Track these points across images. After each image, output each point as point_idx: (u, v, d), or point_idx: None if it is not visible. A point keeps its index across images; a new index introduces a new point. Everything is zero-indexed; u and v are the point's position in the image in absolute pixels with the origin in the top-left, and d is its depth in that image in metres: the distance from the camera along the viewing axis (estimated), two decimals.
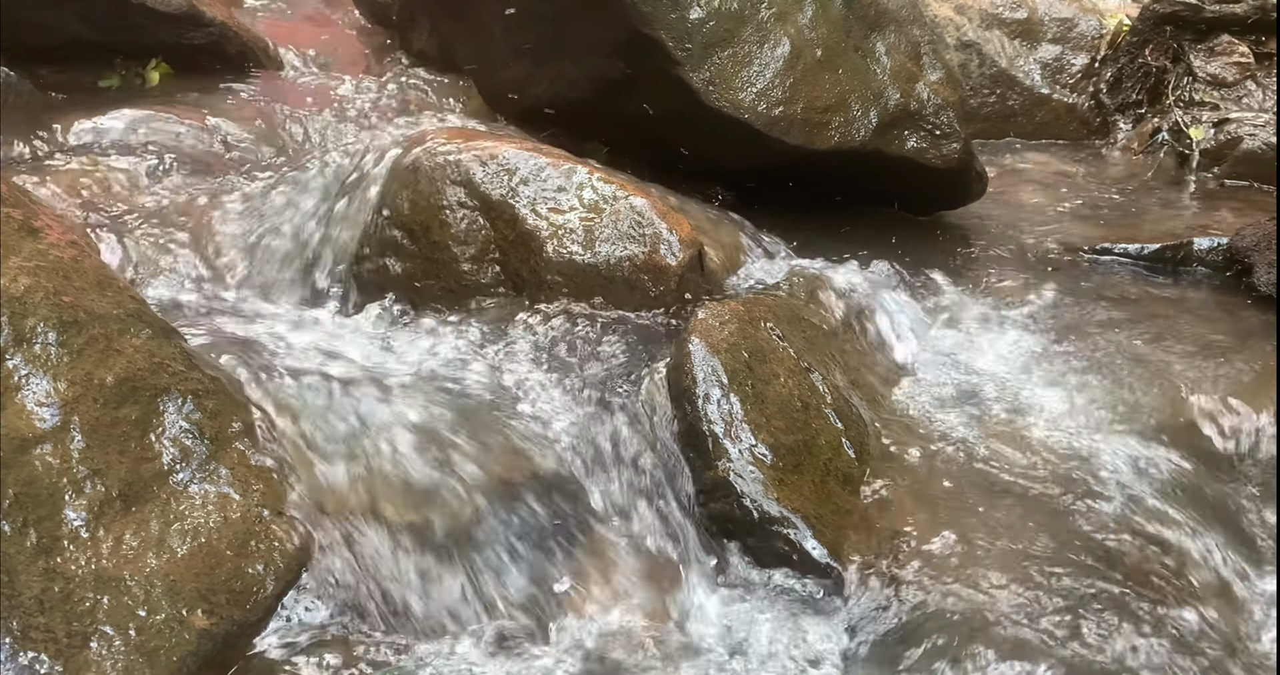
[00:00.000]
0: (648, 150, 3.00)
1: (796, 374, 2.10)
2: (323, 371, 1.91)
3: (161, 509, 1.58)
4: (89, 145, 2.76)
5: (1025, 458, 2.11)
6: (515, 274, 2.29)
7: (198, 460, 1.63)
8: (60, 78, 3.08)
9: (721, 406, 1.96)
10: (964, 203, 3.34)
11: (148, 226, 2.46)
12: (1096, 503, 1.98)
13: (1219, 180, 3.83)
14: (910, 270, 2.82)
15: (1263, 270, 2.83)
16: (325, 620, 1.61)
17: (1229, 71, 4.09)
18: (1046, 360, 2.47)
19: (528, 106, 3.16)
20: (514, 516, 1.79)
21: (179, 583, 1.53)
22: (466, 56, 3.44)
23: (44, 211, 1.83)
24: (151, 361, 1.67)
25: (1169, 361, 2.43)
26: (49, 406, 1.55)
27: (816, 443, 2.01)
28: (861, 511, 1.95)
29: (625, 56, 2.83)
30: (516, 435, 1.92)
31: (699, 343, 2.02)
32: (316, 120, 3.13)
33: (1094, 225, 3.32)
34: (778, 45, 2.81)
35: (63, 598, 1.46)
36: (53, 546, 1.48)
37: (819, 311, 2.38)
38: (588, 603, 1.77)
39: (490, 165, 2.32)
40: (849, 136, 2.90)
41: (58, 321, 1.61)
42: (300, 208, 2.47)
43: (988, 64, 4.30)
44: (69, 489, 1.52)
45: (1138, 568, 1.82)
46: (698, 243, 2.36)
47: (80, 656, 1.43)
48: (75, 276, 1.69)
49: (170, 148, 2.79)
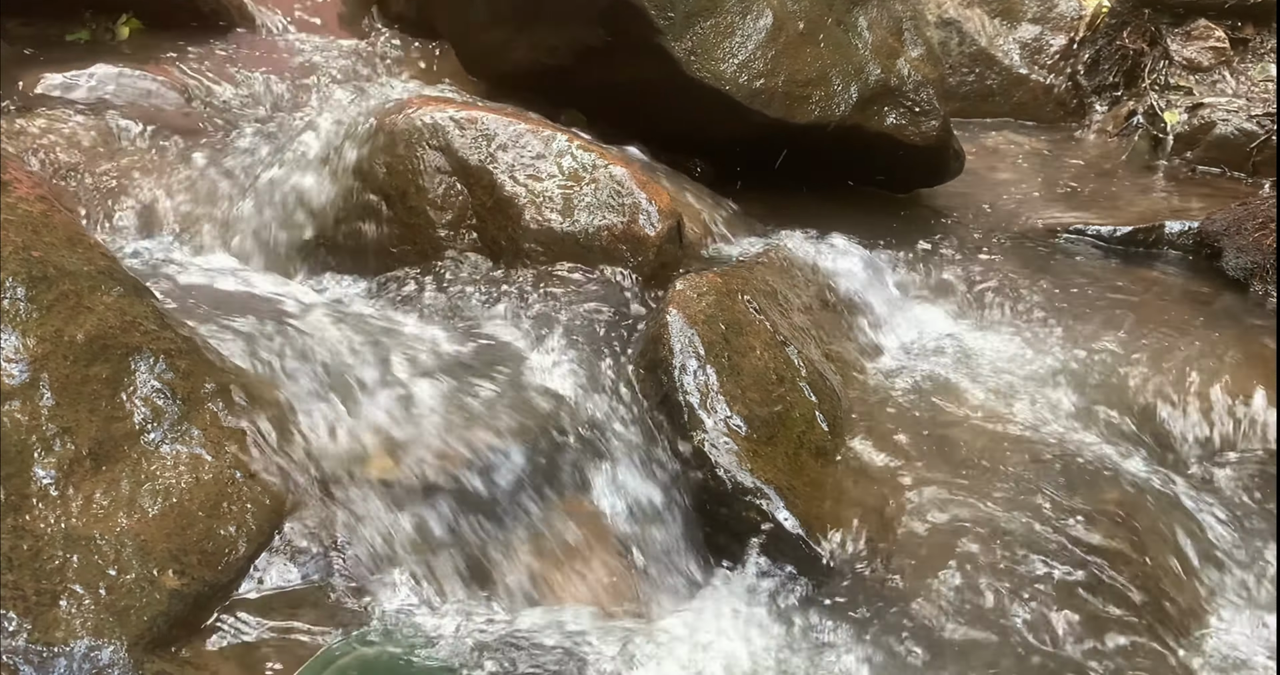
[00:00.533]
0: (627, 120, 2.98)
1: (772, 347, 2.10)
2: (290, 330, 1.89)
3: (132, 468, 1.56)
4: (57, 100, 2.70)
5: (996, 431, 2.13)
6: (493, 241, 2.28)
7: (169, 420, 1.62)
8: (27, 31, 3.01)
9: (698, 377, 1.96)
10: (941, 181, 3.36)
11: (117, 183, 2.41)
12: (1066, 475, 2.00)
13: (1191, 165, 3.87)
14: (887, 246, 2.83)
15: (1231, 254, 2.87)
16: (298, 581, 1.61)
17: (1205, 56, 4.12)
18: (1019, 337, 2.49)
19: (506, 72, 3.13)
20: (487, 481, 1.78)
21: (150, 543, 1.51)
22: (445, 20, 3.40)
23: (12, 165, 1.80)
24: (123, 319, 1.64)
25: (1140, 342, 2.46)
26: (17, 362, 1.52)
27: (791, 415, 2.02)
28: (834, 483, 1.97)
29: (606, 24, 2.80)
30: (489, 402, 1.92)
31: (677, 314, 2.02)
32: (291, 81, 3.08)
33: (1068, 206, 3.34)
34: (760, 16, 2.79)
35: (31, 555, 1.44)
36: (21, 504, 1.46)
37: (796, 285, 2.39)
38: (557, 570, 1.77)
39: (469, 130, 2.29)
40: (829, 111, 2.90)
41: (27, 276, 1.58)
42: (273, 169, 2.43)
43: (967, 42, 4.31)
44: (38, 446, 1.50)
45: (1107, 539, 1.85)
46: (676, 214, 2.35)
47: (49, 614, 1.42)
48: (45, 232, 1.66)
49: (140, 104, 2.74)
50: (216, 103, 2.87)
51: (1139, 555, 1.83)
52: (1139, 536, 1.88)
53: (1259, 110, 3.84)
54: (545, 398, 1.94)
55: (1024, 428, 2.14)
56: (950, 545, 1.82)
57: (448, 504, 1.73)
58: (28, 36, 3.00)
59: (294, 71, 3.11)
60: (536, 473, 1.84)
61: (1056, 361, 2.38)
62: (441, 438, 1.79)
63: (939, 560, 1.80)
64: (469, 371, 1.96)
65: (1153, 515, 1.95)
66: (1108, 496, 1.97)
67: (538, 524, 1.79)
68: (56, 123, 2.55)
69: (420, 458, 1.76)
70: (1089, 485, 1.98)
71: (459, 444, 1.80)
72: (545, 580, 1.75)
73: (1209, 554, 1.94)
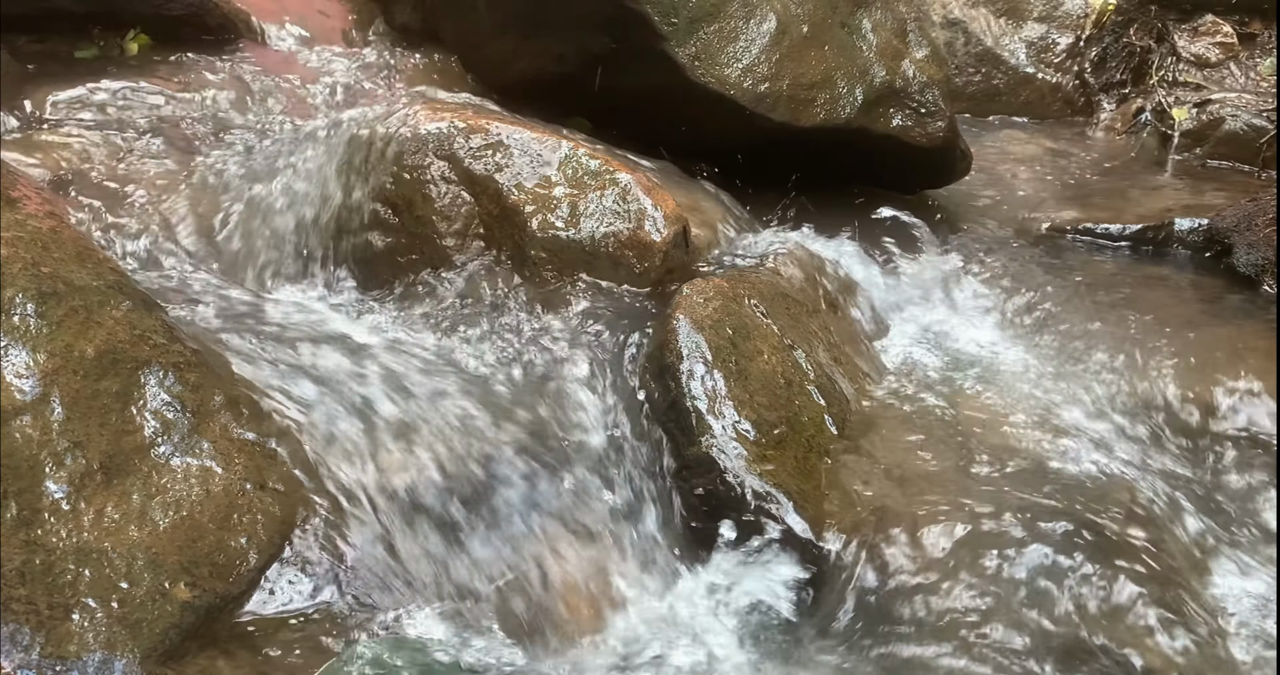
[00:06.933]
0: (632, 126, 2.99)
1: (780, 351, 2.10)
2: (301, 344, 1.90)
3: (143, 482, 1.57)
4: (67, 116, 2.72)
5: (1004, 431, 2.12)
6: (499, 249, 2.28)
7: (180, 433, 1.63)
8: (37, 47, 3.03)
9: (705, 383, 1.96)
10: (948, 181, 3.35)
11: (126, 199, 2.43)
12: (1075, 476, 1.99)
13: (1201, 161, 3.85)
14: (894, 248, 2.83)
15: (1242, 251, 2.85)
16: (309, 592, 1.61)
17: (1212, 52, 4.10)
18: (1027, 337, 2.49)
19: (511, 81, 3.13)
20: (494, 490, 1.79)
21: (161, 555, 1.52)
22: (450, 30, 3.41)
23: (22, 182, 1.81)
24: (132, 333, 1.66)
25: (1148, 339, 2.45)
26: (28, 378, 1.54)
27: (799, 419, 2.02)
28: (844, 486, 1.96)
29: (610, 31, 2.81)
30: (498, 409, 1.92)
31: (683, 319, 2.02)
32: (297, 93, 3.09)
33: (1077, 205, 3.33)
34: (764, 21, 2.79)
35: (44, 570, 1.45)
36: (33, 518, 1.47)
37: (803, 289, 2.38)
38: (564, 577, 1.77)
39: (475, 139, 2.30)
40: (834, 114, 2.90)
41: (36, 292, 1.59)
42: (280, 181, 2.45)
43: (973, 42, 4.30)
44: (49, 461, 1.51)
45: (1115, 537, 1.84)
46: (683, 219, 2.35)
47: (62, 628, 1.43)
48: (54, 247, 1.68)
49: (149, 119, 2.76)
50: (223, 116, 2.89)
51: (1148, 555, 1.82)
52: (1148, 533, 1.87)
53: (1268, 105, 3.82)
54: (553, 405, 1.95)
55: (1033, 427, 2.14)
56: (961, 546, 1.82)
57: (455, 513, 1.74)
58: (37, 53, 3.02)
59: (300, 83, 3.12)
60: (544, 480, 1.84)
61: (1065, 360, 2.38)
62: (448, 446, 1.80)
63: (949, 561, 1.80)
64: (475, 380, 1.97)
65: (1163, 515, 1.94)
66: (1118, 495, 1.96)
67: (545, 531, 1.79)
68: (65, 138, 2.57)
69: (426, 466, 1.76)
70: (1099, 484, 1.97)
71: (466, 452, 1.81)
72: (553, 587, 1.75)
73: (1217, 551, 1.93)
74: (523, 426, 1.90)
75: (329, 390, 1.83)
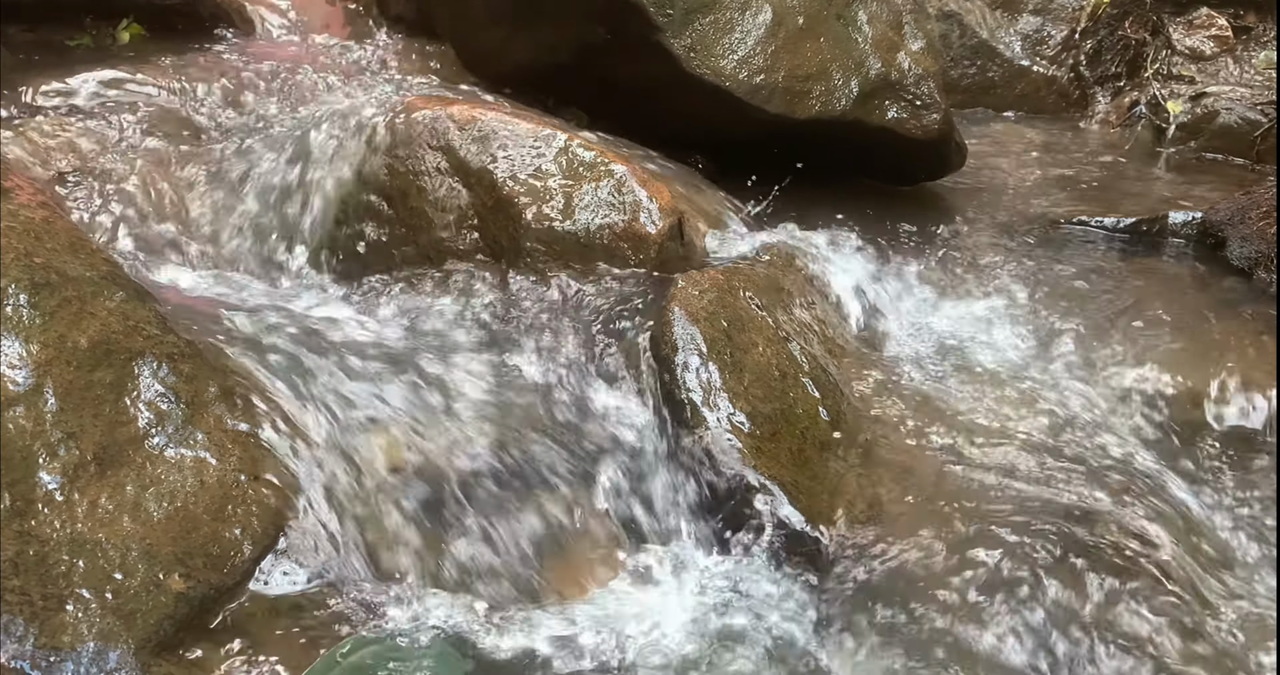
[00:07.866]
0: (627, 117, 2.98)
1: (775, 343, 2.10)
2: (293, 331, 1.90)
3: (137, 473, 1.57)
4: (59, 105, 2.70)
5: (999, 424, 2.13)
6: (494, 240, 2.28)
7: (174, 424, 1.62)
8: (29, 37, 3.02)
9: (700, 375, 1.96)
10: (944, 174, 3.35)
11: (118, 189, 2.42)
12: (1069, 468, 2.00)
13: (1195, 154, 3.86)
14: (890, 240, 2.83)
15: (1236, 244, 2.86)
16: (303, 582, 1.61)
17: (1207, 45, 4.11)
18: (1022, 330, 2.49)
19: (506, 72, 3.12)
20: (490, 480, 1.79)
21: (155, 546, 1.52)
22: (444, 21, 3.40)
23: (13, 172, 1.80)
24: (126, 324, 1.65)
25: (1143, 332, 2.46)
26: (21, 369, 1.53)
27: (794, 411, 2.02)
28: (838, 479, 1.97)
29: (606, 22, 2.80)
30: (493, 401, 1.92)
31: (679, 311, 2.02)
32: (291, 83, 3.08)
33: (1071, 197, 3.33)
34: (759, 12, 2.79)
35: (38, 560, 1.45)
36: (27, 509, 1.47)
37: (798, 281, 2.38)
38: (565, 569, 1.77)
39: (469, 130, 2.30)
40: (830, 106, 2.89)
41: (29, 283, 1.58)
42: (274, 172, 2.44)
43: (968, 35, 4.29)
44: (43, 452, 1.51)
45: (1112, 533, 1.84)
46: (678, 211, 2.35)
47: (56, 619, 1.43)
48: (47, 238, 1.67)
49: (141, 109, 2.74)
50: (216, 106, 2.87)
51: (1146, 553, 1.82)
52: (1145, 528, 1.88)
53: (1262, 98, 3.82)
54: (548, 396, 1.95)
55: (1028, 419, 2.14)
56: (957, 539, 1.82)
57: (452, 503, 1.74)
58: (30, 42, 3.00)
59: (293, 74, 3.11)
60: (539, 470, 1.84)
61: (1060, 352, 2.38)
62: (445, 437, 1.80)
63: (945, 553, 1.80)
64: (471, 371, 1.96)
65: (1161, 509, 1.95)
66: (1114, 486, 1.96)
67: (541, 522, 1.80)
68: (58, 128, 2.56)
69: (423, 457, 1.76)
70: (1094, 476, 1.98)
71: (462, 443, 1.81)
72: (549, 576, 1.76)
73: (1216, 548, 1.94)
74: (516, 417, 1.90)
75: (323, 381, 1.82)
